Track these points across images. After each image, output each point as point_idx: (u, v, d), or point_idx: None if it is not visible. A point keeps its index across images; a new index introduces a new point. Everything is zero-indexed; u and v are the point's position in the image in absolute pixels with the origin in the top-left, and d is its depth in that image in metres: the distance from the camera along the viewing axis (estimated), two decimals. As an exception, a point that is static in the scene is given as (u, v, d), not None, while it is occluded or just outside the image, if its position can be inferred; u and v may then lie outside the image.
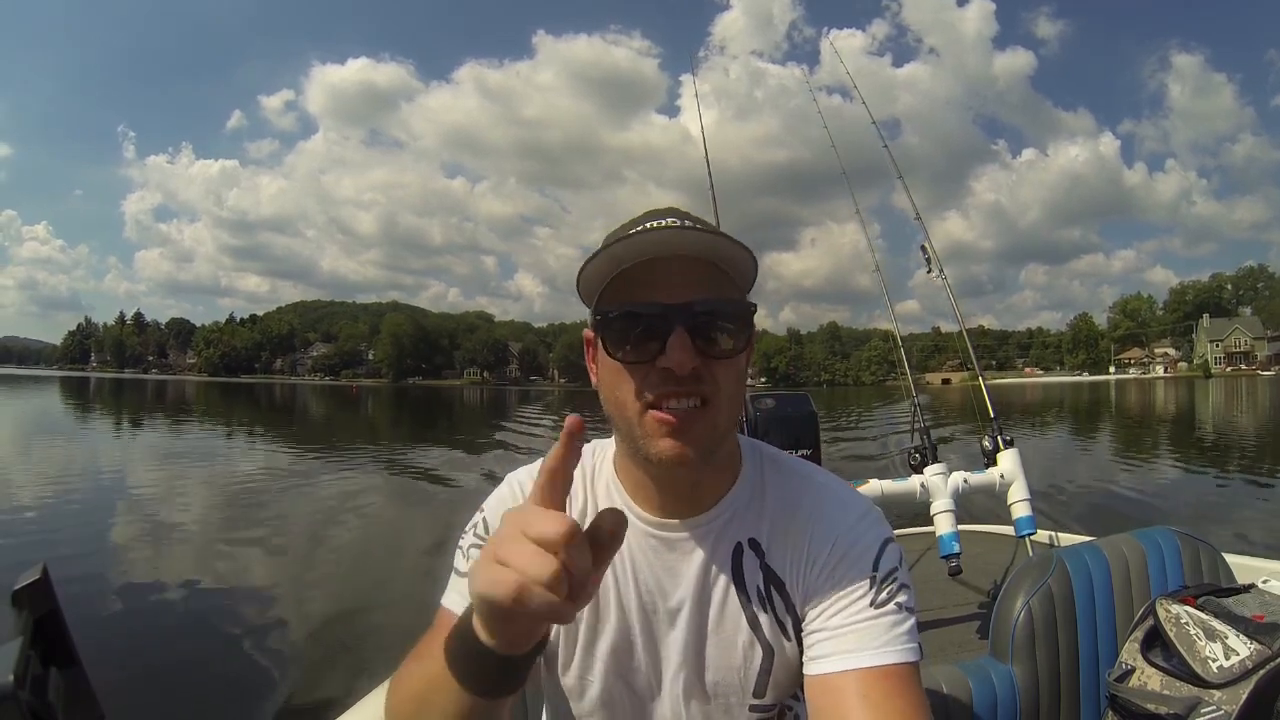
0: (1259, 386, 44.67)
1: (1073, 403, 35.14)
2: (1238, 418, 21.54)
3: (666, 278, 0.64)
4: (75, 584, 4.47)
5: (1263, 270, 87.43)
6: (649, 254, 0.64)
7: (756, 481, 0.75)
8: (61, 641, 0.48)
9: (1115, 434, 17.79)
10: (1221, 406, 27.33)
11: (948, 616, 2.68)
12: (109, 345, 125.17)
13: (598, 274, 0.65)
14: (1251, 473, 10.07)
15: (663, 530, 0.72)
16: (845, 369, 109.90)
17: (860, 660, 0.64)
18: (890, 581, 0.67)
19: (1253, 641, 1.05)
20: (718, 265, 0.66)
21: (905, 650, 0.65)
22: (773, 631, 0.70)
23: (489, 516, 0.77)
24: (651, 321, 0.63)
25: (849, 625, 0.66)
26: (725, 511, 0.72)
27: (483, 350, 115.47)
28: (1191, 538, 1.32)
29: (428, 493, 9.34)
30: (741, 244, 0.65)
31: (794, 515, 0.72)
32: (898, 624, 0.66)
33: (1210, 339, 78.37)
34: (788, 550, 0.71)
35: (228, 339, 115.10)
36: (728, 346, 0.65)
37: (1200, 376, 67.81)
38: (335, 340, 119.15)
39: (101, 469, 10.77)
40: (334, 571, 5.37)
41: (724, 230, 0.66)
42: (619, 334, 0.64)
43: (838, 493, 0.74)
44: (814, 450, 3.02)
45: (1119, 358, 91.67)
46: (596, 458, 0.79)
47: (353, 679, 3.10)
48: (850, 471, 10.03)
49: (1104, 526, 3.83)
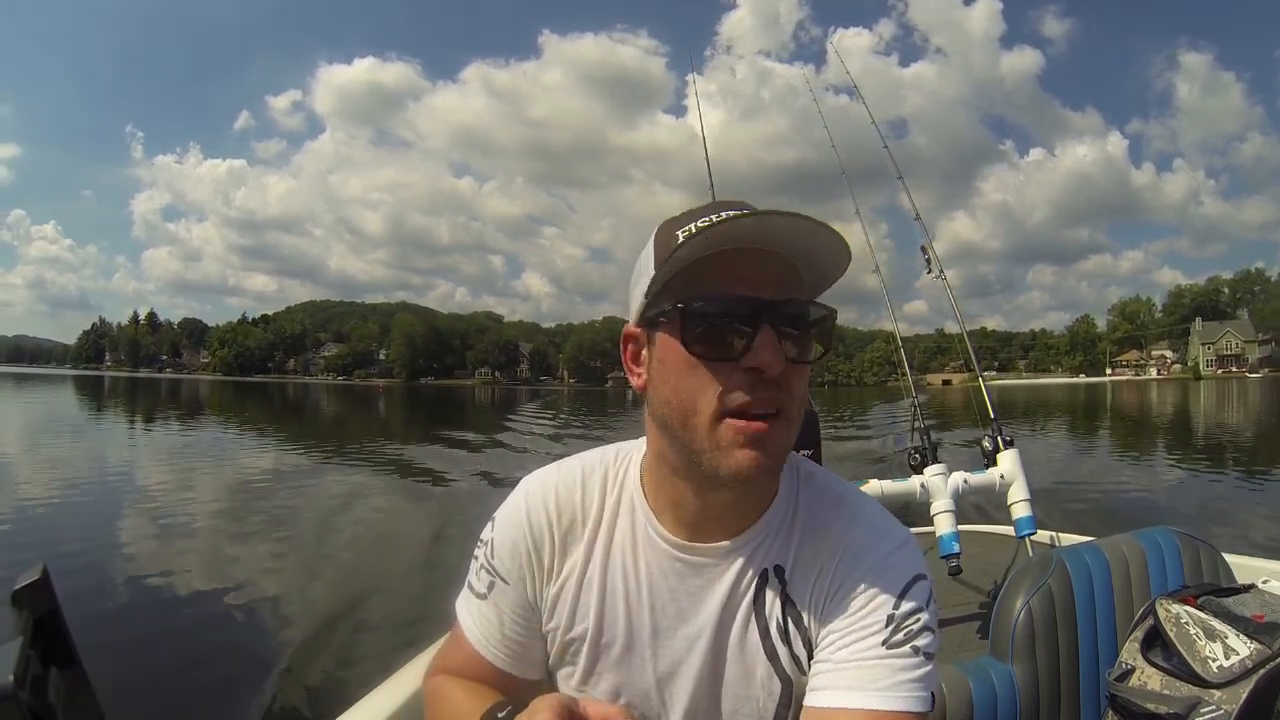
0: (1247, 388, 46.82)
1: (1068, 403, 36.03)
2: (1225, 417, 22.84)
3: (757, 271, 0.58)
4: (76, 584, 4.47)
5: (1259, 274, 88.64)
6: (748, 242, 0.58)
7: (790, 503, 0.69)
8: (61, 641, 0.48)
9: (1114, 435, 18.20)
10: (1208, 407, 28.95)
11: (948, 616, 2.68)
12: (123, 345, 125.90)
13: (679, 261, 0.58)
14: (1250, 472, 10.07)
15: (689, 554, 0.67)
16: (848, 370, 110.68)
17: (857, 700, 0.60)
18: (911, 621, 0.62)
19: (1253, 641, 1.05)
20: (798, 267, 0.61)
21: (911, 699, 0.60)
22: (790, 664, 0.66)
23: (497, 539, 0.73)
24: (743, 316, 0.58)
25: (853, 661, 0.61)
26: (759, 536, 0.68)
27: (494, 351, 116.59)
28: (1191, 538, 1.32)
29: (429, 491, 9.33)
30: (842, 238, 0.58)
31: (822, 543, 0.67)
32: (910, 668, 0.61)
33: (1203, 342, 79.78)
34: (810, 579, 0.67)
35: (241, 339, 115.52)
36: (809, 353, 0.61)
37: (1190, 379, 69.98)
38: (346, 340, 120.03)
39: (107, 467, 10.79)
40: (336, 571, 5.37)
41: None
42: (701, 327, 0.58)
43: (873, 521, 0.69)
44: (815, 450, 3.02)
45: (1116, 360, 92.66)
46: (620, 464, 0.74)
47: (354, 678, 3.10)
48: (850, 471, 10.03)
49: (1104, 526, 3.83)
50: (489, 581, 0.73)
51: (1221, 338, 78.35)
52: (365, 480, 10.02)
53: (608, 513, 0.71)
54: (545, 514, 0.71)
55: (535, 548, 0.71)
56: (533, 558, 0.71)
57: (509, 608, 0.72)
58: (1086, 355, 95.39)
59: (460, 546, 4.51)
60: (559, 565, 0.71)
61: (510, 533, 0.72)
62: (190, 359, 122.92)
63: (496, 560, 0.73)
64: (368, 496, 8.63)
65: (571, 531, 0.71)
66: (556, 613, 0.71)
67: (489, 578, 0.73)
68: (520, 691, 0.74)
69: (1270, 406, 28.07)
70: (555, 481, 0.73)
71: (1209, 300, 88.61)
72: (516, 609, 0.72)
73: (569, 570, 0.71)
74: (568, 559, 0.71)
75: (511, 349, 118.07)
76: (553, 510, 0.71)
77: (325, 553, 5.94)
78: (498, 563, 0.72)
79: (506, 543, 0.72)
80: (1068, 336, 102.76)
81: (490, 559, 0.73)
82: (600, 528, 0.71)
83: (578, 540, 0.71)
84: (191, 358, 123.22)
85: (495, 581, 0.73)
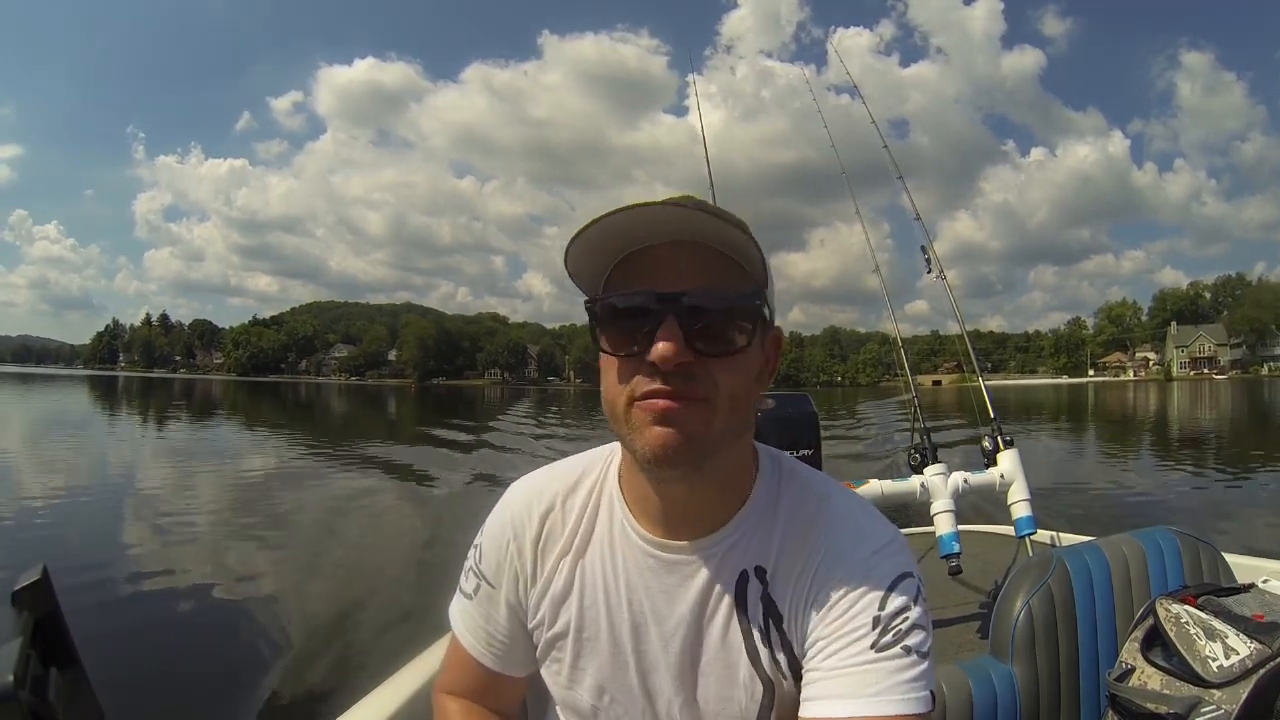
0: (1217, 389, 50.42)
1: (1050, 403, 38.31)
2: (1181, 414, 25.94)
3: (670, 264, 0.59)
4: (76, 584, 4.47)
5: (1240, 279, 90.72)
6: (631, 235, 0.59)
7: (770, 501, 0.68)
8: (61, 641, 0.48)
9: (1094, 434, 19.25)
10: (1171, 406, 31.65)
11: (948, 616, 2.68)
12: (137, 346, 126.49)
13: (591, 263, 0.61)
14: (1249, 472, 10.07)
15: (662, 551, 0.67)
16: (843, 371, 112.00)
17: (851, 708, 0.58)
18: (899, 621, 0.61)
19: (1253, 641, 1.05)
20: (729, 255, 0.60)
21: (907, 700, 0.59)
22: (771, 667, 0.66)
23: (485, 545, 0.76)
24: (640, 312, 0.58)
25: (844, 668, 0.60)
26: (732, 534, 0.67)
27: (503, 353, 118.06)
28: (1191, 537, 1.32)
29: (430, 491, 9.33)
30: (739, 224, 0.58)
31: (803, 543, 0.66)
32: (903, 669, 0.59)
33: (1177, 345, 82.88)
34: (792, 581, 0.65)
35: (256, 340, 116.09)
36: (727, 343, 0.59)
37: (1162, 380, 73.95)
38: (356, 342, 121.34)
39: (109, 467, 10.80)
40: (336, 571, 5.37)
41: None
42: (607, 326, 0.60)
43: (856, 521, 0.67)
44: (814, 451, 3.02)
45: (1103, 361, 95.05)
46: (605, 463, 0.75)
47: (353, 678, 3.10)
48: (850, 471, 10.03)
49: (1104, 526, 3.83)
50: (476, 584, 0.76)
51: (1195, 341, 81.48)
52: (373, 482, 10.01)
53: (589, 511, 0.72)
54: (528, 517, 0.73)
55: (518, 550, 0.73)
56: (515, 561, 0.74)
57: (495, 609, 0.75)
58: (1070, 357, 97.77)
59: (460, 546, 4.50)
60: (541, 565, 0.73)
61: (495, 538, 0.75)
62: (204, 360, 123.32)
63: (484, 564, 0.76)
64: (371, 496, 8.63)
65: (553, 532, 0.73)
66: (540, 611, 0.73)
67: (476, 580, 0.76)
68: (511, 689, 0.78)
69: (1230, 405, 30.50)
70: (541, 484, 0.75)
71: (1190, 304, 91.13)
72: (503, 610, 0.75)
73: (551, 569, 0.72)
74: (549, 559, 0.72)
75: (519, 350, 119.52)
76: (536, 513, 0.73)
77: (326, 552, 5.94)
78: (484, 566, 0.75)
79: (492, 547, 0.75)
80: (1050, 339, 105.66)
81: (478, 564, 0.76)
82: (581, 525, 0.72)
83: (559, 540, 0.72)
84: (205, 359, 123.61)
85: (481, 585, 0.75)
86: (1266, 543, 5.47)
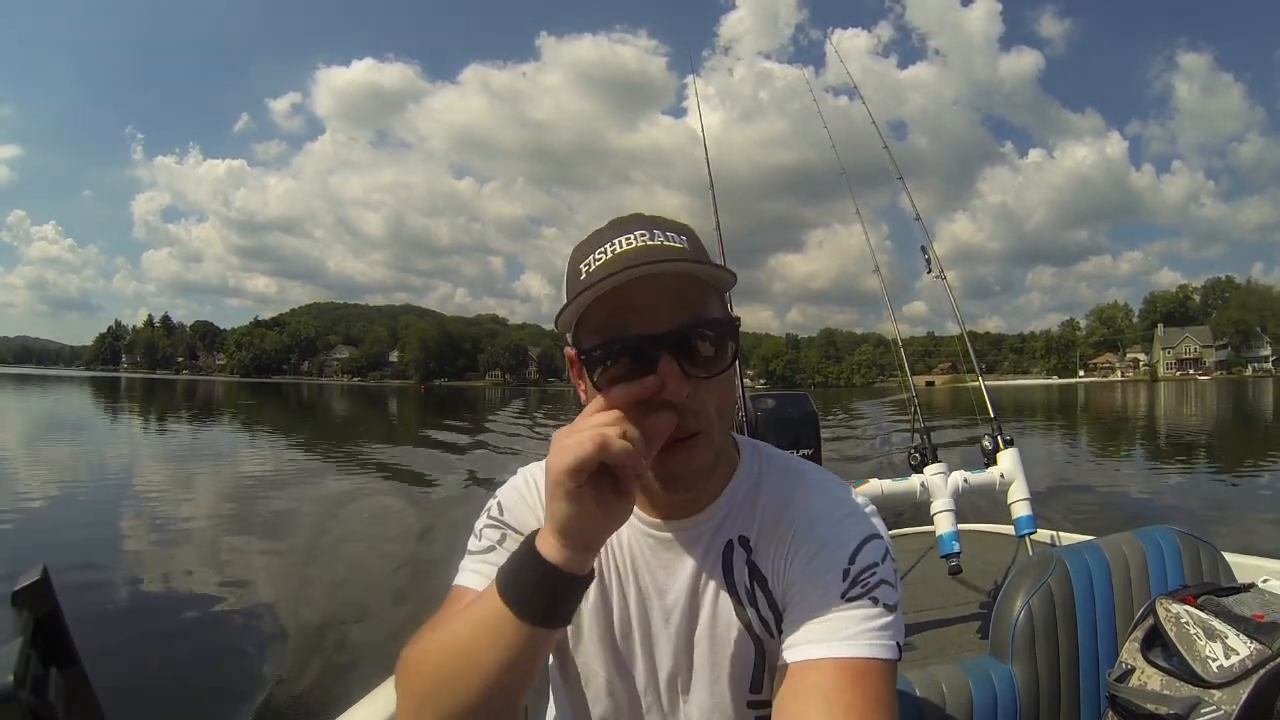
0: (1204, 389, 52.15)
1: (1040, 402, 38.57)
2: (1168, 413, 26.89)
3: (648, 300, 0.62)
4: (76, 584, 4.48)
5: (1229, 281, 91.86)
6: (621, 281, 0.61)
7: (753, 480, 0.75)
8: (61, 641, 0.48)
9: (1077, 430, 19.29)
10: (1154, 404, 32.92)
11: (948, 616, 2.68)
12: (139, 347, 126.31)
13: (574, 308, 0.64)
14: (1251, 471, 10.08)
15: (658, 530, 0.73)
16: (839, 372, 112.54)
17: (820, 651, 0.63)
18: (867, 575, 0.66)
19: (1253, 641, 1.05)
20: (696, 276, 0.64)
21: (875, 646, 0.63)
22: (760, 627, 0.71)
23: (503, 501, 0.78)
24: (638, 355, 0.61)
25: (815, 617, 0.65)
26: (720, 511, 0.73)
27: (504, 354, 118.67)
28: (1191, 537, 1.31)
29: (428, 494, 9.34)
30: (717, 266, 0.64)
31: (783, 512, 0.72)
32: (871, 618, 0.64)
33: (1164, 346, 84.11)
34: (773, 546, 0.71)
35: (258, 342, 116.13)
36: (716, 366, 0.64)
37: (1148, 380, 75.82)
38: (357, 343, 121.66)
39: (110, 467, 10.79)
40: (335, 571, 5.37)
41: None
42: (606, 372, 0.63)
43: (829, 490, 0.74)
44: (814, 450, 3.02)
45: (1093, 362, 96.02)
46: None
47: (353, 678, 3.10)
48: (849, 471, 10.03)
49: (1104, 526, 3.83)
50: (499, 535, 0.76)
51: (1181, 343, 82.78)
52: (368, 482, 10.02)
53: None
54: (539, 489, 0.76)
55: (536, 513, 0.76)
56: (538, 511, 0.76)
57: None
58: (1060, 358, 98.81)
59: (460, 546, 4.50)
60: None
61: (517, 494, 0.78)
62: (206, 361, 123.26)
63: (506, 514, 0.77)
64: (368, 497, 8.63)
65: None
66: None
67: (497, 532, 0.76)
68: None
69: (1215, 404, 31.36)
70: None
71: (1179, 307, 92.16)
72: None
73: None
74: None
75: (520, 352, 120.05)
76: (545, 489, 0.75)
77: (325, 552, 5.94)
78: (507, 516, 0.77)
79: (514, 501, 0.78)
80: (1041, 340, 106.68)
81: (500, 515, 0.77)
82: None
83: None
84: (207, 360, 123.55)
85: (506, 533, 0.75)
86: (1266, 542, 5.46)
